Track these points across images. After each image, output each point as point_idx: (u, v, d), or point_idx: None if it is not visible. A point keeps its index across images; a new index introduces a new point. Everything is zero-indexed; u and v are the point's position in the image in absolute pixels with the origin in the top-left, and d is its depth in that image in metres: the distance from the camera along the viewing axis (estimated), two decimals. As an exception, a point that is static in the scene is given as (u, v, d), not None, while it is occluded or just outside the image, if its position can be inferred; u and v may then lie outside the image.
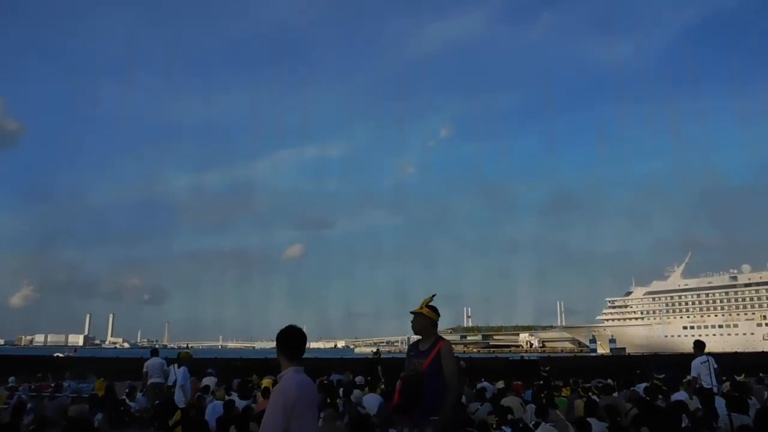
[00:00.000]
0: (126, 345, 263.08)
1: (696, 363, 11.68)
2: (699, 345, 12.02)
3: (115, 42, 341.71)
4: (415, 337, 5.77)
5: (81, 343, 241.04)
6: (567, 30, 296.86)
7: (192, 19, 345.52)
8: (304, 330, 4.52)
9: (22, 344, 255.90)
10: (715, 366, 11.61)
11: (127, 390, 16.03)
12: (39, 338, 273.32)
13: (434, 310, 5.63)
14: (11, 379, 20.24)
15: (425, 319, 5.65)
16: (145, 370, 14.74)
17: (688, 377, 11.88)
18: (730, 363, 24.30)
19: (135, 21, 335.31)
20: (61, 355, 50.26)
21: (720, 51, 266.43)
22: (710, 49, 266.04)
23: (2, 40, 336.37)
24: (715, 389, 11.16)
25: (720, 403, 10.04)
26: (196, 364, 22.96)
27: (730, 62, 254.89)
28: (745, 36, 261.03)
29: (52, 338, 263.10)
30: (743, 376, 19.44)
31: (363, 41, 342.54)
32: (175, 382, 14.48)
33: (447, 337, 5.89)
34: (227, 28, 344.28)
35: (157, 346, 22.12)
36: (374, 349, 28.52)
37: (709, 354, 11.98)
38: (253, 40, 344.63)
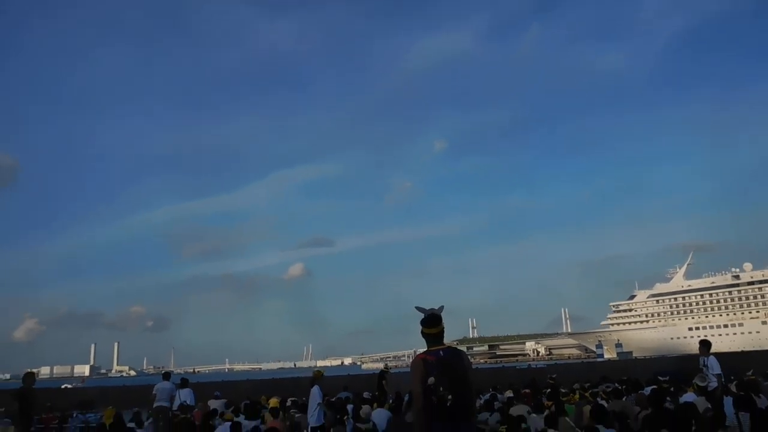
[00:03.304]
0: (132, 372, 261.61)
1: (714, 360, 11.49)
2: (706, 344, 11.92)
3: (110, 75, 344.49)
4: (421, 350, 5.75)
5: (87, 373, 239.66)
6: (556, 41, 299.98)
7: (185, 49, 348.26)
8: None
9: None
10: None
11: (130, 416, 15.98)
12: (45, 371, 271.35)
13: (422, 322, 5.46)
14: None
15: None
16: (154, 392, 14.78)
17: (707, 374, 11.50)
18: (737, 362, 24.23)
19: (129, 54, 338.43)
20: (69, 386, 49.99)
21: (710, 56, 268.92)
22: (701, 54, 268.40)
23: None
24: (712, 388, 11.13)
25: (727, 402, 10.04)
26: (202, 387, 22.98)
27: (722, 67, 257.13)
28: (735, 40, 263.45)
29: (58, 370, 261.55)
30: (750, 372, 19.40)
31: (354, 62, 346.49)
32: (180, 405, 14.49)
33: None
34: (220, 57, 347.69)
35: (161, 369, 22.04)
36: (383, 365, 28.51)
37: (714, 354, 11.94)
38: (246, 67, 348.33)
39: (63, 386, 48.69)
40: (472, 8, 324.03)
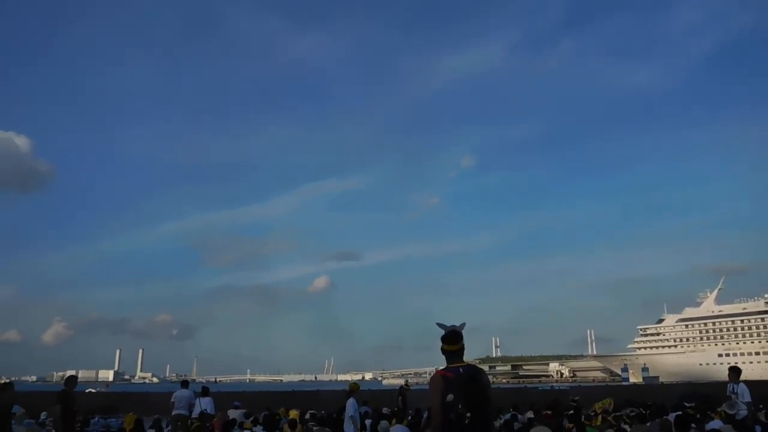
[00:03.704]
0: (155, 380, 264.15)
1: (744, 387, 11.17)
2: (736, 371, 11.58)
3: (140, 83, 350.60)
4: (441, 367, 5.70)
5: (111, 378, 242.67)
6: (585, 56, 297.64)
7: (214, 58, 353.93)
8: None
9: (54, 380, 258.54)
10: None
11: (150, 423, 16.13)
12: (71, 374, 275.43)
13: (442, 338, 5.42)
14: (43, 414, 20.46)
15: None
16: (172, 400, 14.90)
17: (736, 401, 11.16)
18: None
19: (162, 63, 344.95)
20: (93, 390, 50.83)
21: (741, 75, 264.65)
22: (732, 73, 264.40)
23: (32, 82, 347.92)
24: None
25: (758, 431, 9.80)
26: (222, 397, 23.11)
27: (753, 86, 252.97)
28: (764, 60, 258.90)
29: (83, 374, 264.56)
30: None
31: (382, 76, 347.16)
32: (200, 414, 14.57)
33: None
34: (249, 68, 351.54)
35: (186, 379, 22.30)
36: (404, 381, 28.37)
37: (744, 382, 11.62)
38: (274, 78, 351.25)
39: (88, 390, 49.47)
40: (501, 23, 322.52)
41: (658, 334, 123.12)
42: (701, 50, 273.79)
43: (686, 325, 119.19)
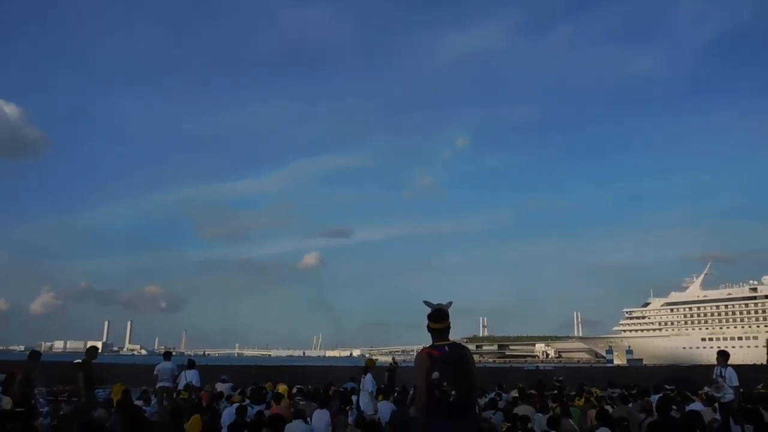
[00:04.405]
0: (143, 352, 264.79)
1: (732, 371, 11.24)
2: (724, 355, 11.62)
3: (139, 54, 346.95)
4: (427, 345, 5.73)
5: (99, 349, 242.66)
6: (586, 42, 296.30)
7: (213, 30, 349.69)
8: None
9: (42, 350, 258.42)
10: None
11: (138, 395, 16.16)
12: (58, 344, 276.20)
13: (429, 316, 5.35)
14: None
15: None
16: (155, 372, 14.87)
17: (723, 384, 11.21)
18: (748, 375, 23.94)
19: (158, 33, 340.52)
20: (80, 361, 50.85)
21: (740, 65, 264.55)
22: (730, 63, 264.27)
23: (26, 51, 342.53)
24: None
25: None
26: (210, 370, 23.20)
27: (751, 77, 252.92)
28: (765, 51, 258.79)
29: (71, 344, 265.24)
30: (761, 386, 19.18)
31: (381, 54, 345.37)
32: (186, 386, 14.60)
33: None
34: (248, 41, 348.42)
35: (173, 351, 22.28)
36: (392, 359, 28.60)
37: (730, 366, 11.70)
38: (273, 52, 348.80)
39: (76, 361, 49.47)
40: (502, 5, 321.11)
41: (643, 317, 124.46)
42: (702, 39, 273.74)
43: (671, 309, 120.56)
